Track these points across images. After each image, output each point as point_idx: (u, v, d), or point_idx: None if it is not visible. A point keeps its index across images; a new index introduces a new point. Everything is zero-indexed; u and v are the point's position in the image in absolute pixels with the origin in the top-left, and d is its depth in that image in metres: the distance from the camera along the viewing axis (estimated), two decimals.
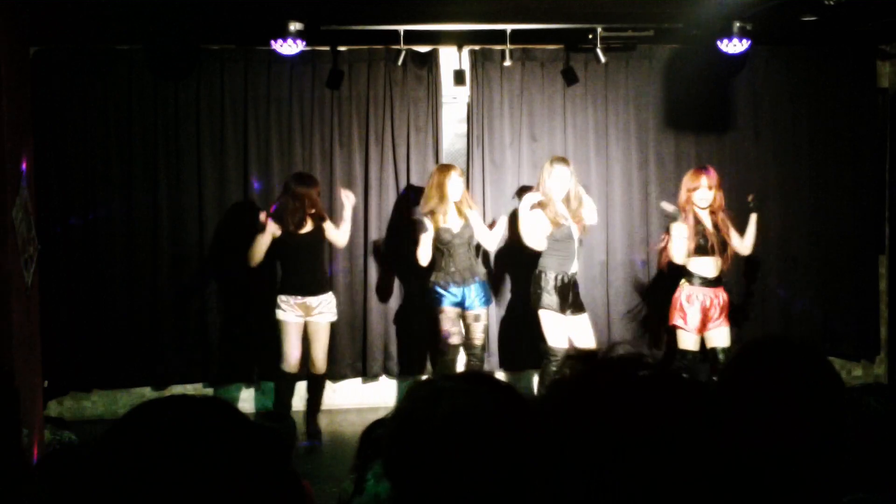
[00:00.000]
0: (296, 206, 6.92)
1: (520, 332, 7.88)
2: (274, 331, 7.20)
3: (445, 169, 7.13)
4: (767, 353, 1.62)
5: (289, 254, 7.06)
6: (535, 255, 7.11)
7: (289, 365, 7.06)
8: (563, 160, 7.11)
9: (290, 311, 7.02)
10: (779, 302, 8.33)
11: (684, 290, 6.95)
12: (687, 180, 6.99)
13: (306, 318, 7.07)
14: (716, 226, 6.95)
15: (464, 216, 7.12)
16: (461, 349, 7.22)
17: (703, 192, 6.89)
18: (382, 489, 3.49)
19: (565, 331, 7.02)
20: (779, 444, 1.35)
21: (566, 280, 6.99)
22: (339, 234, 7.16)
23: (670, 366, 7.11)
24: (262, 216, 6.96)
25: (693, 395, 1.32)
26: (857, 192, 8.38)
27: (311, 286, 7.06)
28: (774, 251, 8.31)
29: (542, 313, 6.97)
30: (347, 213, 7.16)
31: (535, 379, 7.95)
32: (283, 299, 7.04)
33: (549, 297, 6.94)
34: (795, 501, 1.43)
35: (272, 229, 6.91)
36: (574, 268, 7.07)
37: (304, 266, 7.05)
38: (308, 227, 7.05)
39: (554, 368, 6.87)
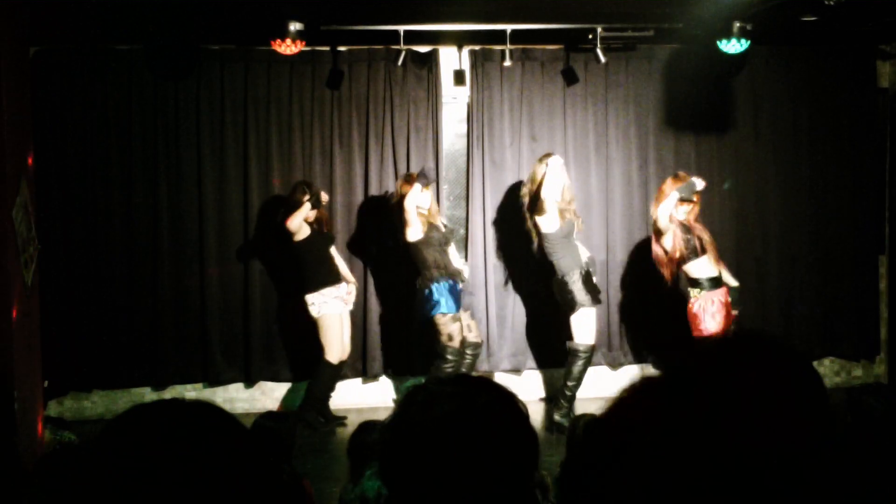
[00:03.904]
0: (321, 209, 7.39)
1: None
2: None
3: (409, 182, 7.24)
4: (751, 352, 1.62)
5: (311, 249, 7.36)
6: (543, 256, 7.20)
7: (344, 355, 7.49)
8: (551, 154, 7.19)
9: (333, 303, 7.34)
10: (779, 302, 8.33)
11: (699, 300, 6.90)
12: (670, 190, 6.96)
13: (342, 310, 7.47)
14: (690, 227, 6.97)
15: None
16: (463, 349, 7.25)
17: (683, 207, 6.94)
18: (370, 488, 3.50)
19: (593, 323, 7.21)
20: (774, 445, 1.35)
21: (584, 270, 7.09)
22: None
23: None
24: (305, 197, 7.24)
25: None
26: (857, 192, 8.37)
27: (338, 274, 7.46)
28: (774, 251, 8.31)
29: (581, 313, 7.06)
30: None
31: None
32: (325, 293, 7.31)
33: (584, 296, 7.03)
34: (794, 502, 1.43)
35: (309, 207, 7.25)
36: (584, 254, 7.17)
37: (325, 257, 7.42)
38: (325, 228, 7.53)
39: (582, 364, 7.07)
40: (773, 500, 1.34)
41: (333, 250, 7.53)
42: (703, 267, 6.90)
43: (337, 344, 7.39)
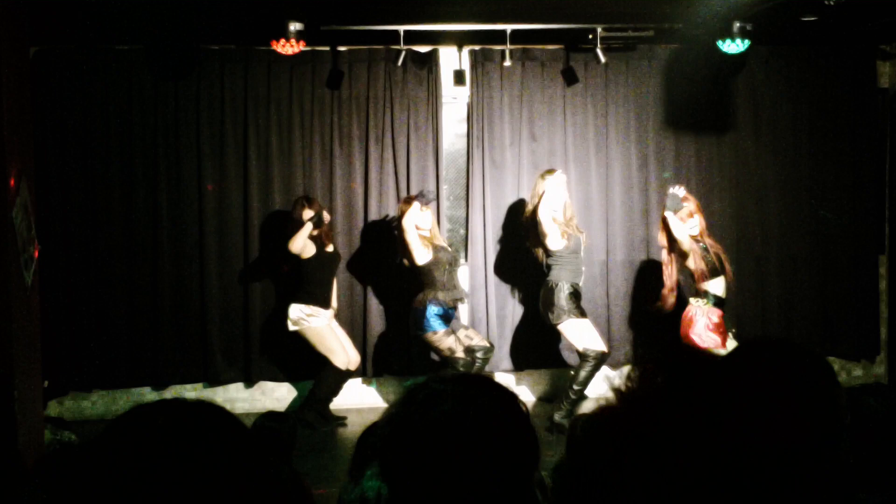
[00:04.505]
0: (324, 226, 7.38)
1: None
2: (282, 334, 7.48)
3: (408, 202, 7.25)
4: (764, 353, 1.62)
5: (317, 268, 7.36)
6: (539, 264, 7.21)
7: (350, 362, 7.46)
8: (553, 171, 7.21)
9: (322, 317, 7.34)
10: (779, 302, 8.33)
11: (697, 308, 6.90)
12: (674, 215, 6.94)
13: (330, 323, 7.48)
14: (706, 246, 6.96)
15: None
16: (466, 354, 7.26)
17: (693, 220, 6.93)
18: (370, 488, 3.50)
19: (594, 330, 7.24)
20: (777, 445, 1.35)
21: (577, 290, 7.18)
22: None
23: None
24: (306, 214, 7.22)
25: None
26: (857, 192, 8.37)
27: (330, 300, 7.44)
28: (774, 251, 8.30)
29: (570, 323, 7.11)
30: None
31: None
32: (313, 310, 7.31)
33: (571, 307, 7.10)
34: (795, 502, 1.43)
35: (310, 228, 7.20)
36: (583, 279, 7.27)
37: (328, 281, 7.42)
38: (330, 247, 7.50)
39: (590, 368, 7.09)
40: (773, 499, 1.34)
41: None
42: (718, 286, 6.91)
43: (338, 350, 7.38)
